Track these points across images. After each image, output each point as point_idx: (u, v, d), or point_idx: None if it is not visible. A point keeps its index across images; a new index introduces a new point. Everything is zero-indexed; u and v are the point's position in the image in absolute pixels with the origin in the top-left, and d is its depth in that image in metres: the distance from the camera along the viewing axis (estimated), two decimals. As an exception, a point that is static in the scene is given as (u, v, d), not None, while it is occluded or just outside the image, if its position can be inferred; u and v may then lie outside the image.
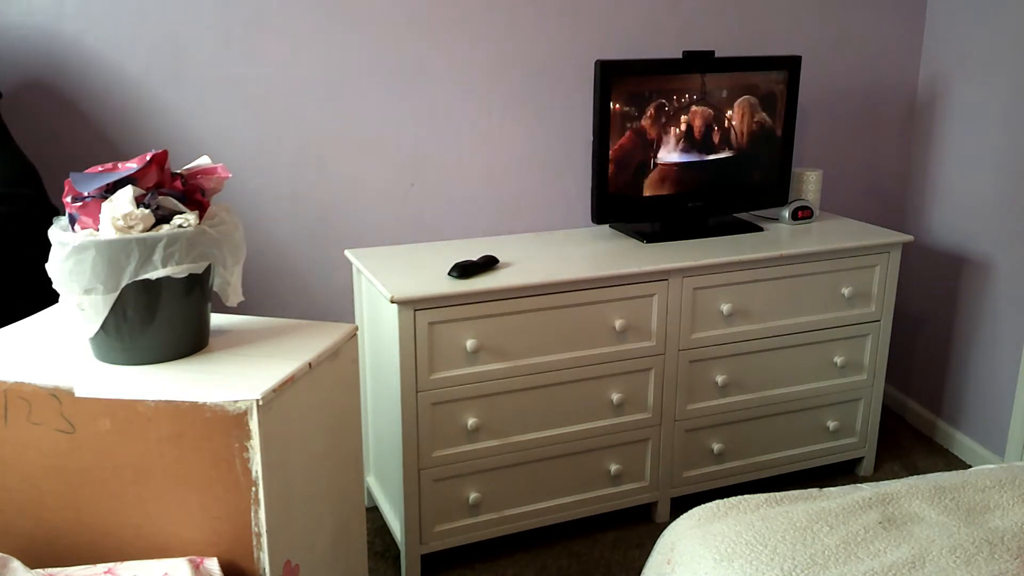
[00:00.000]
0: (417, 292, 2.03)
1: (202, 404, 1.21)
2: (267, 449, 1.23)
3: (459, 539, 2.24)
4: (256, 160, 2.40)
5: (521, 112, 2.58)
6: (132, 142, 2.29)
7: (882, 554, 1.45)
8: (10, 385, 1.25)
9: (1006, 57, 2.60)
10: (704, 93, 2.46)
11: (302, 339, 1.42)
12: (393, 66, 2.44)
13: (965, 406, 2.85)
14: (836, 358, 2.54)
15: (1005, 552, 1.45)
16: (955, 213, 2.85)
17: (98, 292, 1.24)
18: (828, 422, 2.60)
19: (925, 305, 2.98)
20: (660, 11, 2.63)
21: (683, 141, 2.47)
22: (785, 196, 2.65)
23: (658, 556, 1.62)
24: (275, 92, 2.37)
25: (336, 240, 2.51)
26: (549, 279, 2.15)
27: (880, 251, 2.51)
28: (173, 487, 1.25)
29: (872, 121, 2.98)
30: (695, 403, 2.40)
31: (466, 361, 2.11)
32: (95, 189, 1.28)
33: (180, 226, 1.28)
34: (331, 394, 1.45)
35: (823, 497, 1.64)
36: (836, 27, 2.84)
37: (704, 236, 2.50)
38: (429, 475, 2.15)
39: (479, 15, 2.47)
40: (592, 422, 2.29)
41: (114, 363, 1.31)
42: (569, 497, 2.33)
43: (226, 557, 1.26)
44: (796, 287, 2.43)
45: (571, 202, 2.69)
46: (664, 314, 2.28)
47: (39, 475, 1.28)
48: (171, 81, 2.29)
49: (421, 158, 2.53)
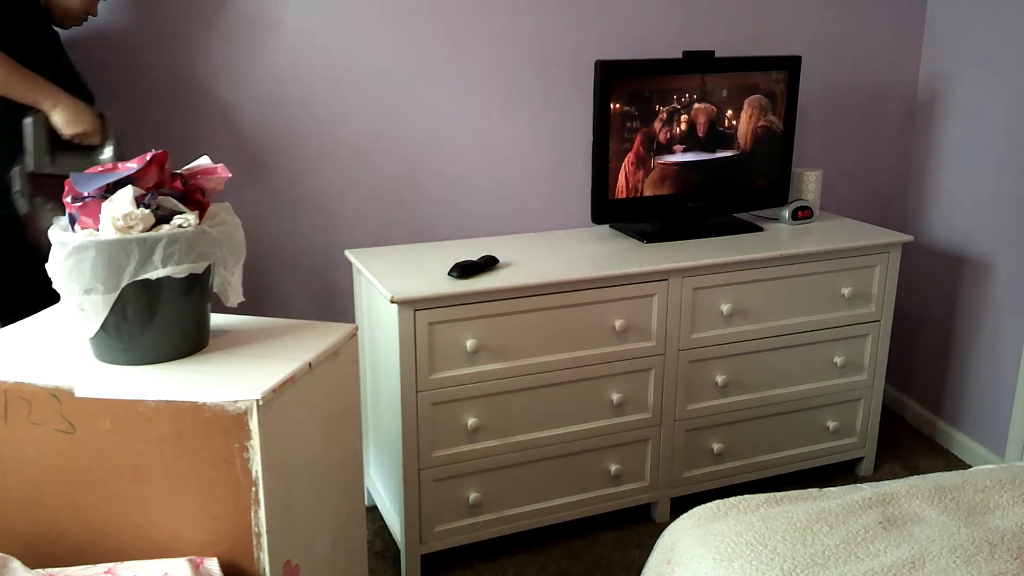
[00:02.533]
0: (417, 292, 2.03)
1: (202, 404, 1.21)
2: (267, 449, 1.23)
3: (459, 539, 2.24)
4: (256, 160, 2.40)
5: (521, 112, 2.58)
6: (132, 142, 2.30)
7: (882, 554, 1.45)
8: (10, 385, 1.25)
9: (1006, 57, 2.60)
10: (704, 93, 2.46)
11: (302, 339, 1.42)
12: (393, 66, 2.44)
13: (965, 406, 2.85)
14: (836, 358, 2.54)
15: (1005, 552, 1.45)
16: (955, 213, 2.85)
17: (98, 292, 1.24)
18: (828, 422, 2.60)
19: (925, 305, 2.98)
20: (660, 11, 2.63)
21: (683, 141, 2.48)
22: (785, 196, 2.66)
23: (658, 556, 1.62)
24: (275, 92, 2.37)
25: (336, 240, 2.51)
26: (549, 279, 2.15)
27: (880, 251, 2.51)
28: (173, 487, 1.25)
29: (872, 121, 2.98)
30: (695, 403, 2.40)
31: (466, 361, 2.11)
32: (95, 189, 1.28)
33: (180, 226, 1.28)
34: (331, 394, 1.45)
35: (823, 497, 1.64)
36: (836, 27, 2.84)
37: (704, 236, 2.50)
38: (429, 475, 2.15)
39: (479, 15, 2.47)
40: (592, 422, 2.29)
41: (114, 363, 1.31)
42: (569, 497, 2.33)
43: (226, 557, 1.26)
44: (796, 287, 2.43)
45: (571, 202, 2.69)
46: (664, 314, 2.28)
47: (39, 475, 1.29)
48: (171, 80, 2.29)
49: (421, 158, 2.53)
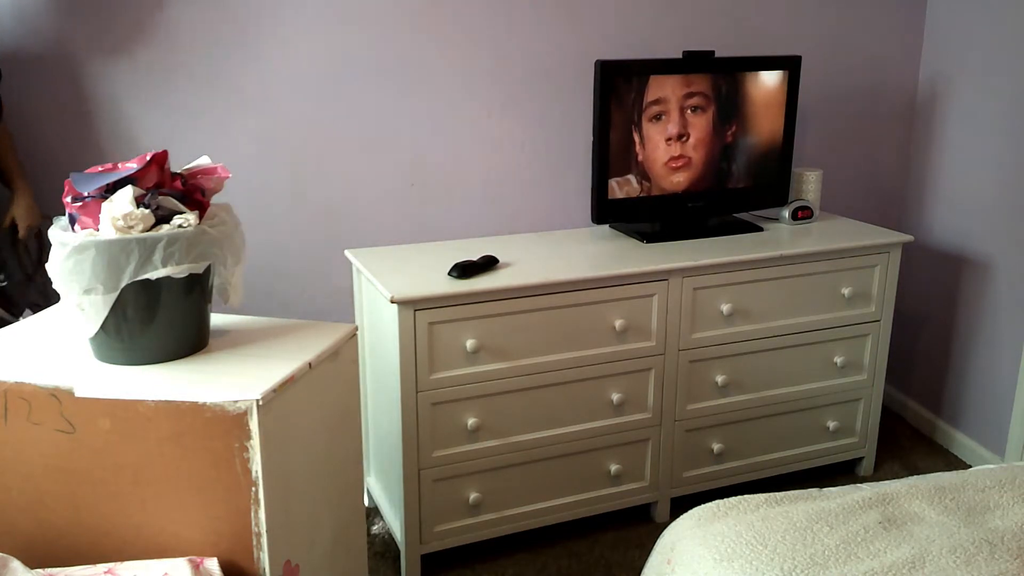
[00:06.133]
0: (417, 292, 2.03)
1: (202, 404, 1.21)
2: (267, 449, 1.23)
3: (459, 539, 2.24)
4: (256, 160, 2.40)
5: (521, 112, 2.58)
6: (132, 142, 2.30)
7: (882, 554, 1.45)
8: (10, 385, 1.25)
9: (1006, 57, 2.60)
10: (704, 93, 2.45)
11: (302, 339, 1.42)
12: (393, 66, 2.44)
13: (965, 406, 2.85)
14: (836, 358, 2.54)
15: (1005, 552, 1.45)
16: (955, 213, 2.85)
17: (98, 292, 1.24)
18: (828, 422, 2.60)
19: (925, 305, 2.98)
20: (660, 11, 2.63)
21: (683, 141, 2.47)
22: (785, 196, 2.65)
23: (658, 556, 1.62)
24: (275, 92, 2.37)
25: (336, 240, 2.51)
26: (549, 279, 2.15)
27: (880, 251, 2.51)
28: (173, 487, 1.25)
29: (872, 121, 2.98)
30: (695, 403, 2.40)
31: (466, 361, 2.11)
32: (95, 189, 1.28)
33: (180, 226, 1.28)
34: (331, 394, 1.45)
35: (823, 497, 1.64)
36: (836, 27, 2.84)
37: (704, 236, 2.50)
38: (429, 475, 2.15)
39: (479, 15, 2.47)
40: (592, 422, 2.29)
41: (114, 363, 1.31)
42: (569, 497, 2.33)
43: (226, 557, 1.26)
44: (796, 287, 2.43)
45: (571, 202, 2.69)
46: (664, 314, 2.28)
47: (39, 475, 1.28)
48: (171, 81, 2.29)
49: (421, 158, 2.53)
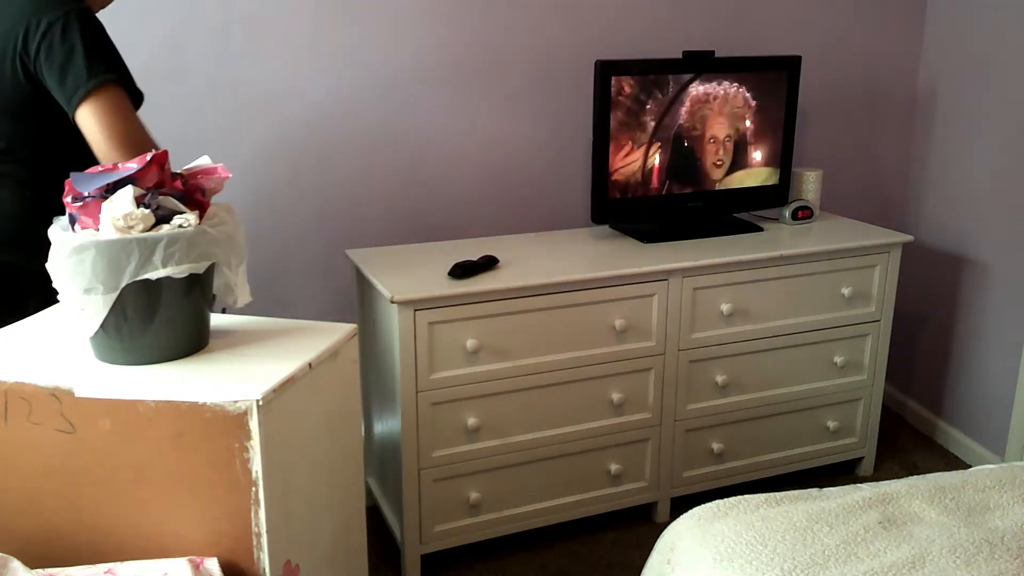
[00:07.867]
0: (417, 292, 2.03)
1: (202, 404, 1.21)
2: (267, 449, 1.23)
3: (459, 539, 2.24)
4: (256, 160, 2.40)
5: (521, 112, 2.58)
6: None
7: (882, 554, 1.45)
8: (10, 385, 1.25)
9: (1006, 57, 2.60)
10: (704, 93, 2.45)
11: (302, 339, 1.42)
12: (393, 66, 2.44)
13: (965, 406, 2.85)
14: (836, 358, 2.54)
15: (1005, 552, 1.45)
16: (955, 213, 2.84)
17: (98, 292, 1.24)
18: (828, 422, 2.60)
19: (925, 305, 2.98)
20: (660, 11, 2.63)
21: (683, 141, 2.47)
22: (785, 196, 2.65)
23: (658, 556, 1.62)
24: (275, 92, 2.37)
25: (336, 240, 2.51)
26: (549, 279, 2.15)
27: (880, 251, 2.51)
28: (173, 487, 1.25)
29: (872, 121, 2.98)
30: (695, 403, 2.40)
31: (466, 361, 2.11)
32: (95, 189, 1.28)
33: (180, 226, 1.28)
34: (331, 394, 1.45)
35: (823, 497, 1.64)
36: (836, 27, 2.84)
37: (704, 236, 2.50)
38: (429, 475, 2.15)
39: (479, 15, 2.47)
40: (592, 422, 2.29)
41: (114, 363, 1.31)
42: (569, 497, 2.33)
43: (226, 557, 1.26)
44: (796, 287, 2.43)
45: (571, 202, 2.69)
46: (664, 314, 2.28)
47: (39, 475, 1.28)
48: (171, 81, 2.29)
49: (422, 158, 2.53)
